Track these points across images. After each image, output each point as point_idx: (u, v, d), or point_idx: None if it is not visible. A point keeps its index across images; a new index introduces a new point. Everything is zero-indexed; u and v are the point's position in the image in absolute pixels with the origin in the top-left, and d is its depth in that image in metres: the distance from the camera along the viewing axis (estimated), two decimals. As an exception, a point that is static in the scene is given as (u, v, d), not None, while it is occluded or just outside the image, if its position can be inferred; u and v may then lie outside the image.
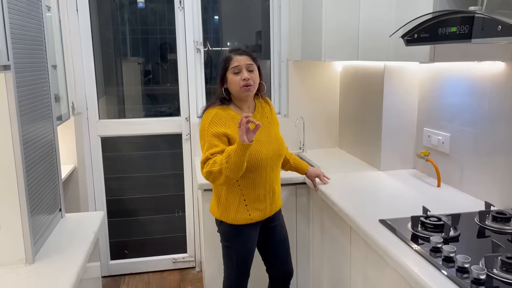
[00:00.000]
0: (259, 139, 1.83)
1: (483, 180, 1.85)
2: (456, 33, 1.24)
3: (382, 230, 1.57)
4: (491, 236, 1.52)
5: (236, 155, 1.64)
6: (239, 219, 1.87)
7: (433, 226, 1.52)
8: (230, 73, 1.80)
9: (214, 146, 1.76)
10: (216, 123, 1.78)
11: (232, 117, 1.82)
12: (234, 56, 1.79)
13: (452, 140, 2.04)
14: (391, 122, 2.32)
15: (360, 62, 2.56)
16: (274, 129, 1.94)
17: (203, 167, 1.76)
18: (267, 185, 1.88)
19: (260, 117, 1.91)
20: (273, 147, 1.87)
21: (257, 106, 1.93)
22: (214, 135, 1.77)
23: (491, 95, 1.78)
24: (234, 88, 1.80)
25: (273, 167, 1.88)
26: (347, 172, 2.34)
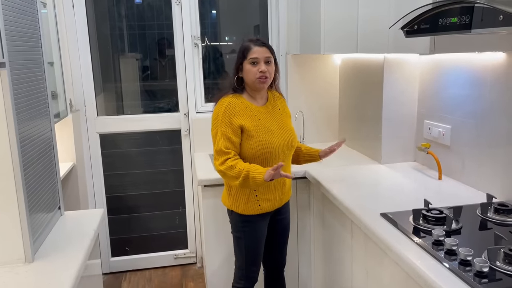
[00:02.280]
0: (271, 128, 1.84)
1: (484, 172, 1.84)
2: (457, 23, 1.22)
3: (384, 224, 1.56)
4: (493, 228, 1.51)
5: (254, 183, 1.70)
6: (249, 209, 1.88)
7: (435, 219, 1.51)
8: (247, 63, 1.79)
9: (227, 139, 1.76)
10: (230, 112, 1.78)
11: (246, 106, 1.82)
12: (254, 47, 1.79)
13: (453, 132, 2.03)
14: (391, 114, 2.30)
15: (359, 55, 2.54)
16: (285, 120, 1.94)
17: (217, 159, 1.78)
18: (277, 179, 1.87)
19: (272, 108, 1.90)
20: (284, 138, 1.87)
21: (269, 97, 1.93)
22: (227, 125, 1.77)
23: (492, 86, 1.76)
24: (250, 79, 1.80)
25: (284, 158, 1.88)
26: (347, 166, 2.33)
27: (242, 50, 1.81)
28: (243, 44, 1.82)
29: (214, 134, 1.81)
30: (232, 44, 3.09)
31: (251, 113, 1.83)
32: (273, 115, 1.89)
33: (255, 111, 1.84)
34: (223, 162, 1.76)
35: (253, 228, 1.91)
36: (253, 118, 1.82)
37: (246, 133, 1.79)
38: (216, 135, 1.80)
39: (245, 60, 1.79)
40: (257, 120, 1.82)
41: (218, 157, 1.78)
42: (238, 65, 1.83)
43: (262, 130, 1.82)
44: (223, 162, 1.76)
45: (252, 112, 1.83)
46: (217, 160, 1.79)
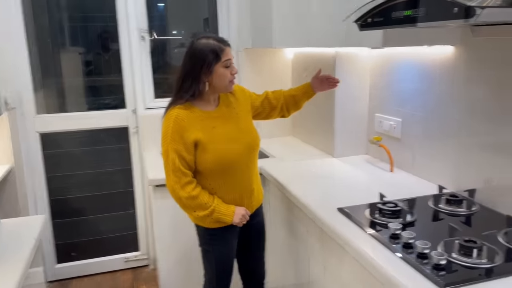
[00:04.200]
0: (228, 136, 1.68)
1: (434, 163, 1.88)
2: (411, 16, 1.22)
3: (341, 219, 1.55)
4: (445, 219, 1.54)
5: (216, 220, 1.66)
6: (215, 222, 1.72)
7: (391, 212, 1.52)
8: (221, 66, 1.61)
9: (182, 158, 1.60)
10: (180, 127, 1.60)
11: (196, 116, 1.64)
12: (225, 47, 1.62)
13: (403, 125, 2.06)
14: (344, 108, 2.31)
15: (312, 49, 2.53)
16: (244, 120, 1.77)
17: (175, 180, 1.60)
18: (243, 186, 1.74)
19: (227, 108, 1.73)
20: (245, 142, 1.71)
21: (221, 98, 1.75)
22: (179, 142, 1.60)
23: (441, 80, 1.80)
24: (222, 82, 1.64)
25: (248, 164, 1.74)
26: (302, 161, 2.31)
27: (212, 51, 1.59)
28: (207, 44, 1.60)
29: (164, 151, 1.62)
30: (181, 38, 2.98)
31: (204, 123, 1.64)
32: (228, 119, 1.72)
33: (208, 119, 1.66)
34: (184, 186, 1.61)
35: (221, 240, 1.77)
36: (206, 128, 1.64)
37: (200, 147, 1.62)
38: (167, 153, 1.61)
39: (218, 63, 1.60)
40: (211, 129, 1.65)
41: (176, 178, 1.60)
42: (205, 69, 1.59)
43: (219, 140, 1.65)
44: (183, 186, 1.61)
45: (204, 121, 1.65)
46: (175, 181, 1.60)
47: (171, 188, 1.64)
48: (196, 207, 1.64)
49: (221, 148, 1.65)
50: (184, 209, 1.68)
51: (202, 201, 1.63)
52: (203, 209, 1.64)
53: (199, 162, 1.64)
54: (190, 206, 1.64)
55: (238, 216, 1.70)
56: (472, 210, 1.56)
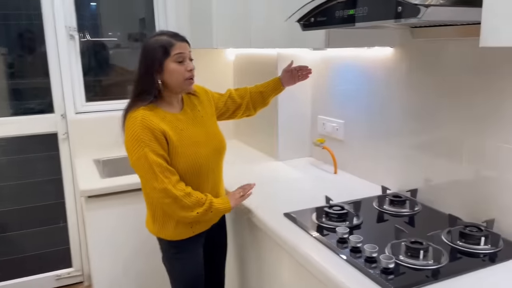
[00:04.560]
0: (196, 139, 1.56)
1: (377, 164, 1.89)
2: (354, 15, 1.19)
3: (287, 224, 1.50)
4: (390, 219, 1.54)
5: (214, 214, 1.56)
6: (179, 233, 1.58)
7: (337, 215, 1.49)
8: (171, 61, 1.48)
9: (162, 157, 1.46)
10: (149, 126, 1.45)
11: (163, 118, 1.50)
12: (177, 42, 1.49)
13: (346, 127, 2.06)
14: (287, 111, 2.27)
15: (253, 50, 2.47)
16: (210, 123, 1.67)
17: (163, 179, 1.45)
18: (209, 191, 1.61)
19: (191, 111, 1.61)
20: (212, 146, 1.61)
21: (185, 100, 1.63)
22: (154, 141, 1.45)
23: (382, 81, 1.81)
24: (177, 80, 1.50)
25: (215, 169, 1.64)
26: (245, 165, 2.24)
27: (161, 46, 1.47)
28: (156, 40, 1.49)
29: (139, 157, 1.44)
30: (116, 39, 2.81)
31: (172, 124, 1.52)
32: (194, 121, 1.60)
33: (174, 121, 1.53)
34: (176, 184, 1.46)
35: (187, 253, 1.63)
36: (175, 130, 1.51)
37: (172, 148, 1.49)
38: (144, 158, 1.43)
39: (167, 58, 1.47)
40: (179, 132, 1.52)
41: (166, 179, 1.45)
42: (156, 67, 1.48)
43: (188, 143, 1.53)
44: (176, 185, 1.46)
45: (172, 122, 1.52)
46: (166, 182, 1.45)
47: (163, 191, 1.45)
48: (194, 205, 1.50)
49: (191, 152, 1.53)
50: (181, 211, 1.50)
51: (198, 196, 1.51)
52: (201, 204, 1.51)
53: (171, 165, 1.51)
54: (188, 206, 1.49)
55: (234, 196, 1.62)
56: (415, 210, 1.58)
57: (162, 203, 1.50)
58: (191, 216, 1.51)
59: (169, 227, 1.58)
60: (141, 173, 1.48)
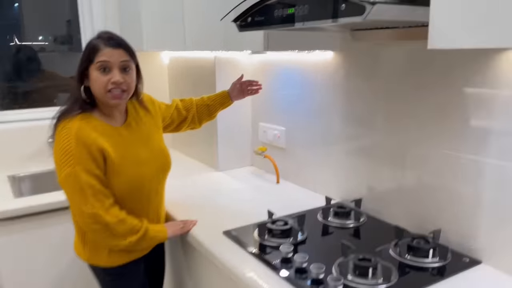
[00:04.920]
0: (140, 157, 1.39)
1: (320, 173, 1.81)
2: (294, 15, 1.09)
3: (227, 244, 1.37)
4: (335, 233, 1.46)
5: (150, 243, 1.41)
6: (115, 259, 1.40)
7: (280, 232, 1.38)
8: (94, 68, 1.29)
9: (97, 178, 1.29)
10: (85, 140, 1.27)
11: (102, 131, 1.33)
12: (104, 48, 1.29)
13: (287, 134, 1.97)
14: (226, 118, 2.14)
15: (189, 53, 2.32)
16: (156, 138, 1.51)
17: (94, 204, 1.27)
18: (150, 213, 1.46)
19: (136, 125, 1.44)
20: (157, 164, 1.45)
21: (129, 111, 1.45)
22: (89, 159, 1.27)
23: (322, 86, 1.73)
24: (98, 91, 1.31)
25: (158, 190, 1.48)
26: (183, 177, 2.08)
27: (87, 50, 1.31)
28: (90, 42, 1.33)
29: (68, 174, 1.26)
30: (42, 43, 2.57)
31: (112, 140, 1.34)
32: (139, 137, 1.43)
33: (115, 136, 1.36)
34: (109, 209, 1.29)
35: (125, 281, 1.46)
36: (115, 146, 1.34)
37: (110, 166, 1.31)
38: (75, 176, 1.25)
39: (91, 64, 1.30)
40: (121, 149, 1.35)
41: (98, 202, 1.27)
42: (81, 71, 1.32)
43: (130, 162, 1.36)
44: (109, 210, 1.29)
45: (113, 137, 1.35)
46: (98, 206, 1.27)
47: (92, 216, 1.27)
48: (127, 232, 1.33)
49: (133, 172, 1.37)
50: (112, 239, 1.32)
51: (133, 223, 1.34)
52: (134, 232, 1.34)
53: (108, 186, 1.33)
54: (120, 233, 1.31)
55: (173, 226, 1.47)
56: (360, 222, 1.51)
57: (90, 229, 1.32)
58: (122, 244, 1.34)
59: (102, 253, 1.40)
60: (69, 193, 1.30)
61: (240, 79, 1.77)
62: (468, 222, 1.25)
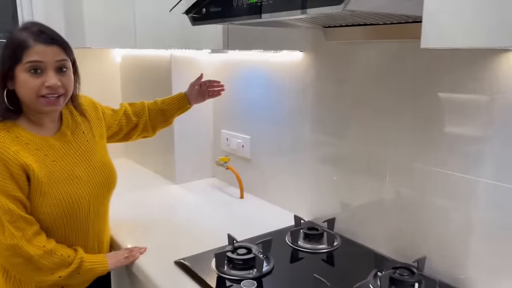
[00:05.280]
0: (74, 174, 1.16)
1: (288, 187, 1.62)
2: (256, 4, 0.89)
3: (178, 277, 1.15)
4: (306, 259, 1.27)
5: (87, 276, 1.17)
6: None
7: (242, 262, 1.17)
8: (22, 69, 1.06)
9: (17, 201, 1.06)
10: (4, 156, 1.05)
11: (26, 143, 1.10)
12: (35, 45, 1.06)
13: (252, 143, 1.77)
14: (184, 124, 1.91)
15: (141, 51, 2.08)
16: (97, 150, 1.27)
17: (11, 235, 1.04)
18: (90, 240, 1.23)
19: (72, 134, 1.21)
20: (97, 181, 1.22)
21: (64, 118, 1.22)
22: (7, 178, 1.05)
23: (290, 90, 1.54)
24: (27, 95, 1.08)
25: (98, 212, 1.24)
26: (135, 190, 1.84)
27: (12, 45, 1.07)
28: (13, 36, 1.09)
29: None
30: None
31: (38, 154, 1.11)
32: (75, 149, 1.20)
33: (43, 149, 1.13)
34: (32, 239, 1.06)
35: None
36: (41, 161, 1.11)
37: (34, 187, 1.09)
38: None
39: (18, 64, 1.06)
40: (49, 164, 1.12)
41: (18, 231, 1.04)
42: (4, 71, 1.08)
43: (60, 179, 1.13)
44: (32, 240, 1.06)
45: (39, 151, 1.12)
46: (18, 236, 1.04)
47: (11, 248, 1.04)
48: (56, 266, 1.09)
49: (64, 192, 1.13)
50: (37, 274, 1.09)
51: (64, 254, 1.12)
52: (66, 265, 1.11)
53: (33, 210, 1.10)
54: (47, 267, 1.08)
55: (116, 256, 1.25)
56: (334, 246, 1.32)
57: (9, 263, 1.08)
58: (50, 280, 1.11)
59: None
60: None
61: (200, 79, 1.56)
62: (457, 247, 1.09)
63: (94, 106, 1.36)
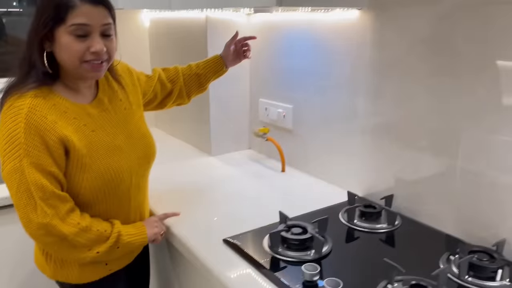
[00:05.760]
0: (114, 145, 1.07)
1: (336, 160, 1.49)
2: None
3: (228, 257, 1.06)
4: (363, 239, 1.16)
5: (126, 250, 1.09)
6: (89, 274, 1.11)
7: (299, 242, 1.07)
8: (65, 32, 0.95)
9: (51, 176, 0.96)
10: (39, 125, 0.94)
11: (64, 111, 1.00)
12: (81, 5, 0.94)
13: (295, 113, 1.64)
14: (220, 94, 1.79)
15: (173, 14, 1.94)
16: (136, 118, 1.18)
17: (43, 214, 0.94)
18: (132, 214, 1.16)
19: (109, 101, 1.12)
20: (138, 152, 1.13)
21: (101, 84, 1.12)
22: (42, 151, 0.95)
23: (342, 55, 1.40)
24: (69, 60, 0.98)
25: (139, 184, 1.16)
26: (169, 163, 1.74)
27: (53, 3, 0.95)
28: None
29: (13, 170, 0.94)
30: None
31: (76, 122, 1.02)
32: (114, 118, 1.11)
33: (82, 118, 1.03)
34: (66, 217, 0.97)
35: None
36: (82, 132, 1.02)
37: (74, 160, 1.00)
38: (20, 173, 0.93)
39: (60, 25, 0.95)
40: (89, 134, 1.03)
41: (51, 209, 0.95)
42: (43, 33, 0.96)
43: (101, 151, 1.04)
44: (65, 218, 0.97)
45: (77, 120, 1.02)
46: (51, 214, 0.95)
47: (43, 227, 0.95)
48: (93, 242, 1.02)
49: (106, 165, 1.04)
50: (72, 252, 1.01)
51: (100, 229, 1.03)
52: (104, 239, 1.04)
53: (72, 184, 1.02)
54: (83, 244, 1.00)
55: (152, 227, 1.16)
56: (395, 225, 1.20)
57: (42, 242, 1.00)
58: (88, 257, 1.03)
59: (72, 267, 1.10)
60: (13, 194, 0.96)
61: (235, 38, 1.43)
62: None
63: (129, 72, 1.26)
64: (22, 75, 1.00)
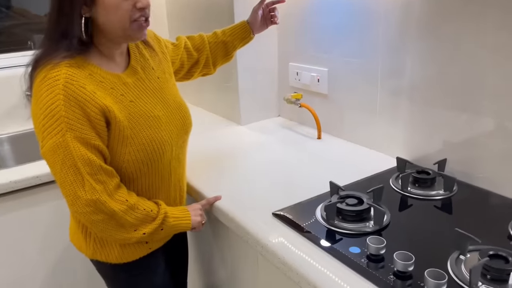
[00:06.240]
0: (153, 115, 1.01)
1: (377, 125, 1.42)
2: None
3: (282, 232, 1.00)
4: (416, 206, 1.10)
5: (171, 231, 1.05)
6: (130, 253, 1.07)
7: (355, 213, 1.01)
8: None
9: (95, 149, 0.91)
10: (78, 96, 0.88)
11: (100, 81, 0.94)
12: None
13: (330, 76, 1.55)
14: (245, 58, 1.69)
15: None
16: (169, 87, 1.11)
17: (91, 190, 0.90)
18: (172, 189, 1.11)
19: (142, 70, 1.05)
20: (176, 123, 1.08)
21: (131, 52, 1.05)
22: (84, 124, 0.89)
23: (387, 13, 1.29)
24: (118, 22, 0.92)
25: (179, 156, 1.11)
26: (198, 134, 1.66)
27: None
28: None
29: (55, 146, 0.88)
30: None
31: (114, 92, 0.96)
32: (149, 87, 1.04)
33: (118, 88, 0.97)
34: (114, 193, 0.93)
35: (145, 276, 1.13)
36: (121, 102, 0.96)
37: (116, 131, 0.94)
38: (64, 148, 0.87)
39: None
40: (127, 105, 0.97)
41: (99, 185, 0.90)
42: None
43: (141, 122, 0.98)
44: (113, 194, 0.93)
45: (114, 89, 0.96)
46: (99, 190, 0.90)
47: (92, 204, 0.91)
48: (140, 222, 0.98)
49: (147, 136, 0.99)
50: (119, 231, 0.97)
51: (147, 208, 0.99)
52: (150, 220, 1.00)
53: (114, 159, 0.97)
54: (130, 223, 0.96)
55: (196, 215, 1.10)
56: (453, 191, 1.14)
57: (89, 220, 0.94)
58: (134, 238, 0.99)
59: (113, 246, 1.06)
60: (58, 172, 0.91)
61: (263, 2, 1.34)
62: None
63: (158, 39, 1.19)
64: (51, 45, 0.93)
